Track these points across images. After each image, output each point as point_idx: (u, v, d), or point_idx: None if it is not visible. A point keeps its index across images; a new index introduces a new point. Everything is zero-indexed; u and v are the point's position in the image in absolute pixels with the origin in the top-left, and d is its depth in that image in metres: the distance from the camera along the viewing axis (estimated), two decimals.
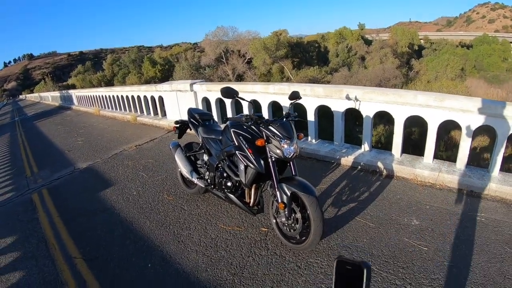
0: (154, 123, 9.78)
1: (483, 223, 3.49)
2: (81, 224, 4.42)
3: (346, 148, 5.57)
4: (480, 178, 4.21)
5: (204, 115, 4.34)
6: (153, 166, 6.19)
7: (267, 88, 6.31)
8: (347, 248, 3.28)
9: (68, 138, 9.96)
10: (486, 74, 45.72)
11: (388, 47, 44.39)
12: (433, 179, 4.45)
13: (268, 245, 3.46)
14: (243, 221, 3.94)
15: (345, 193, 4.38)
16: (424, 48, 55.32)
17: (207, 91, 7.74)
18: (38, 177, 6.60)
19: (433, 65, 38.66)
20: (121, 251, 3.67)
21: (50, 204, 5.19)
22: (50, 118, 15.68)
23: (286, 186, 3.05)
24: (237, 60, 38.26)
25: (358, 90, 5.17)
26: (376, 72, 34.14)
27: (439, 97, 4.50)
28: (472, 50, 54.27)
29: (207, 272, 3.18)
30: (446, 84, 29.84)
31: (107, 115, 12.89)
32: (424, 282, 2.77)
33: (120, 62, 51.20)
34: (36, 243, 4.08)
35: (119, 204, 4.79)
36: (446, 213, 3.73)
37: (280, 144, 2.98)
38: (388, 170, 4.79)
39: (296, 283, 2.92)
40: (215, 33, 39.74)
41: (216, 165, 3.83)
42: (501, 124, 4.07)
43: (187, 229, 3.92)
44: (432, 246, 3.20)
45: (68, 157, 7.73)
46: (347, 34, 47.33)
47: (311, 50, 45.01)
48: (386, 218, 3.73)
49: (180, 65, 38.30)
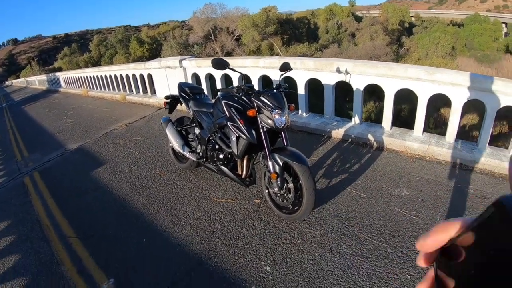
0: (143, 101, 9.68)
1: (472, 195, 3.56)
2: (74, 204, 4.41)
3: (336, 121, 5.59)
4: (469, 151, 4.27)
5: (195, 89, 4.30)
6: (144, 143, 6.17)
7: (257, 62, 6.26)
8: (339, 217, 3.34)
9: (57, 120, 9.82)
10: (476, 53, 45.80)
11: (379, 24, 44.12)
12: (422, 152, 4.50)
13: (261, 216, 3.50)
14: (235, 194, 3.97)
15: (336, 165, 4.42)
16: (415, 25, 55.21)
17: (196, 66, 7.65)
18: (29, 161, 6.52)
19: (423, 42, 38.59)
20: (116, 228, 3.69)
21: (43, 186, 5.15)
22: (38, 102, 15.39)
23: (278, 156, 3.06)
24: (226, 38, 37.78)
25: (349, 63, 5.16)
26: (366, 49, 34.03)
27: (429, 70, 4.52)
28: (463, 29, 54.20)
29: (201, 244, 3.21)
30: (436, 62, 29.90)
31: (96, 96, 12.71)
32: (415, 250, 2.82)
33: (106, 43, 50.22)
34: (30, 226, 4.06)
35: (111, 182, 4.78)
36: (435, 184, 3.79)
37: (272, 114, 2.98)
38: (378, 143, 4.83)
39: (289, 252, 2.96)
40: (203, 10, 39.11)
41: (207, 138, 3.83)
42: (490, 99, 4.10)
43: (181, 204, 3.94)
44: (422, 216, 3.26)
45: (58, 139, 7.64)
46: (337, 10, 46.84)
47: (301, 26, 44.54)
48: (377, 188, 3.78)
49: (168, 44, 37.71)
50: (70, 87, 17.32)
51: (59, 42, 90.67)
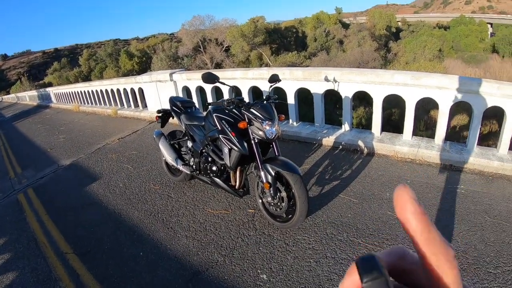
0: (135, 115, 9.71)
1: (462, 195, 3.65)
2: (70, 220, 4.41)
3: (327, 129, 5.67)
4: (458, 152, 4.37)
5: (186, 103, 4.36)
6: (137, 157, 6.19)
7: (246, 73, 6.35)
8: (332, 223, 3.39)
9: (49, 136, 9.79)
10: (463, 55, 46.35)
11: (366, 30, 44.60)
12: (412, 155, 4.59)
13: (255, 225, 3.55)
14: (230, 204, 4.01)
15: (328, 172, 4.49)
16: (402, 30, 55.87)
17: (187, 80, 7.71)
18: (22, 178, 6.50)
19: (411, 46, 39.04)
20: (113, 242, 3.70)
21: (37, 203, 5.13)
22: (29, 117, 15.32)
23: (270, 166, 3.12)
24: (215, 49, 37.90)
25: (337, 71, 5.25)
26: (354, 55, 34.30)
27: (415, 75, 4.62)
28: (450, 31, 54.91)
29: (198, 255, 3.24)
30: (424, 65, 30.24)
31: (87, 111, 12.69)
32: None
33: (96, 57, 50.18)
34: (27, 243, 4.05)
35: (106, 197, 4.79)
36: (426, 186, 3.88)
37: (262, 125, 3.05)
38: (368, 148, 4.91)
39: (285, 259, 3.01)
40: (192, 22, 39.25)
41: (200, 151, 3.88)
42: (476, 100, 4.21)
43: (176, 216, 3.97)
44: None
45: (51, 155, 7.63)
46: (324, 18, 47.25)
47: (289, 35, 44.90)
48: (369, 193, 3.85)
49: (157, 57, 37.74)
50: (61, 102, 17.26)
51: (49, 57, 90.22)
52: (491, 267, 2.66)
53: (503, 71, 34.79)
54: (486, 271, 2.62)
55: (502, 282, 2.52)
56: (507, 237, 2.97)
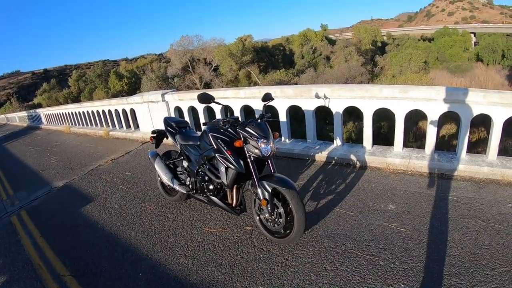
0: (127, 136, 9.71)
1: (455, 201, 3.75)
2: (65, 242, 4.37)
3: (319, 144, 5.76)
4: (448, 161, 4.48)
5: (180, 123, 4.42)
6: (131, 178, 6.19)
7: (238, 92, 6.43)
8: (330, 237, 3.44)
9: (40, 157, 9.72)
10: (448, 65, 47.35)
11: (352, 45, 45.46)
12: (404, 166, 4.69)
13: (254, 242, 3.57)
14: (227, 222, 4.04)
15: (323, 187, 4.56)
16: (387, 44, 56.98)
17: (179, 100, 7.78)
18: (15, 200, 6.42)
19: (396, 60, 39.81)
20: (110, 263, 3.68)
21: (31, 225, 5.07)
22: (20, 139, 15.19)
23: (267, 183, 3.18)
24: (204, 68, 38.23)
25: (327, 88, 5.36)
26: (342, 70, 34.84)
27: (403, 89, 4.75)
28: (434, 43, 56.20)
29: (198, 274, 3.25)
30: (411, 77, 30.81)
31: (78, 132, 12.65)
32: (406, 260, 2.96)
33: (86, 78, 50.21)
34: (22, 265, 4.00)
35: (101, 219, 4.77)
36: (419, 196, 3.97)
37: (258, 143, 3.11)
38: (361, 162, 5.00)
39: (285, 274, 3.04)
40: (180, 42, 39.63)
41: (196, 170, 3.92)
42: (463, 109, 4.35)
43: (173, 236, 3.97)
44: (410, 227, 3.40)
45: (43, 176, 7.57)
46: (311, 35, 48.10)
47: (277, 53, 45.55)
48: (364, 206, 3.92)
49: (147, 77, 37.91)
50: (51, 123, 17.17)
51: (38, 78, 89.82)
52: (488, 269, 2.73)
53: (488, 79, 35.61)
54: (484, 273, 2.69)
55: (499, 283, 2.59)
56: (501, 239, 3.06)
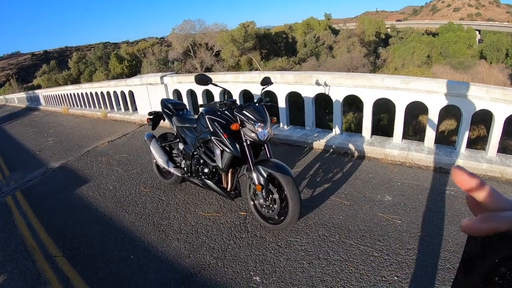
0: (125, 119, 9.64)
1: (452, 196, 3.69)
2: (59, 223, 4.34)
3: (317, 132, 5.70)
4: (447, 155, 4.43)
5: (178, 105, 4.35)
6: (128, 160, 6.14)
7: (237, 77, 6.35)
8: (324, 225, 3.41)
9: (38, 138, 9.65)
10: (452, 61, 47.05)
11: (355, 36, 45.14)
12: (402, 158, 4.64)
13: (247, 227, 3.54)
14: (221, 207, 4.00)
15: (319, 175, 4.51)
16: (391, 36, 56.56)
17: (178, 83, 7.70)
18: (10, 180, 6.39)
19: (399, 53, 39.53)
20: (103, 245, 3.66)
21: (26, 205, 5.04)
22: (18, 120, 15.09)
23: (262, 168, 3.13)
24: (205, 53, 37.89)
25: (328, 75, 5.29)
26: (344, 61, 34.63)
27: (405, 79, 4.67)
28: (438, 38, 55.75)
29: (190, 258, 3.23)
30: (413, 71, 30.69)
31: (77, 113, 12.56)
32: (400, 252, 2.93)
33: (86, 60, 49.74)
34: (15, 246, 3.98)
35: (96, 200, 4.74)
36: (417, 188, 3.92)
37: (254, 127, 3.06)
38: (359, 151, 4.95)
39: (278, 261, 3.01)
40: (182, 26, 39.15)
41: (192, 153, 3.87)
42: (465, 104, 4.28)
43: (167, 219, 3.94)
44: (405, 219, 3.37)
45: (39, 157, 7.52)
46: (314, 24, 47.65)
47: (279, 41, 45.08)
48: (360, 196, 3.88)
49: (147, 60, 37.57)
50: (50, 104, 17.06)
51: (38, 59, 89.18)
52: None
53: (490, 77, 35.46)
54: None
55: None
56: None
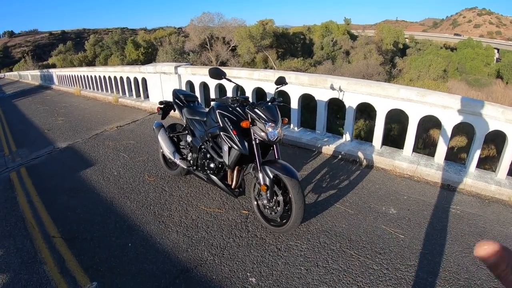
0: (136, 105, 9.66)
1: (458, 216, 3.61)
2: (60, 204, 4.34)
3: (327, 137, 5.63)
4: (457, 173, 4.34)
5: (189, 97, 4.32)
6: (134, 147, 6.13)
7: (252, 74, 6.30)
8: (326, 232, 3.35)
9: (48, 117, 9.71)
10: (467, 77, 46.62)
11: (373, 43, 44.87)
12: (411, 171, 4.56)
13: (248, 227, 3.50)
14: (224, 203, 3.97)
15: (326, 181, 4.45)
16: (409, 47, 56.17)
17: (191, 74, 7.67)
18: (16, 156, 6.42)
19: (416, 64, 39.23)
20: (101, 230, 3.64)
21: (29, 183, 5.06)
22: (30, 97, 15.19)
23: (269, 169, 3.08)
24: (222, 47, 37.93)
25: (343, 80, 5.21)
26: (359, 67, 34.48)
27: (421, 92, 4.59)
28: (456, 53, 55.25)
29: (187, 252, 3.20)
30: (428, 84, 30.39)
31: (88, 96, 12.61)
32: (400, 268, 2.86)
33: (102, 43, 49.93)
34: (14, 222, 3.99)
35: (99, 184, 4.74)
36: (423, 204, 3.84)
37: (265, 127, 3.01)
38: (368, 161, 4.88)
39: (276, 264, 2.97)
40: (201, 18, 39.27)
41: (199, 146, 3.84)
42: (479, 122, 4.17)
43: (168, 210, 3.92)
44: (408, 234, 3.30)
45: (47, 136, 7.56)
46: (333, 28, 47.49)
47: (296, 41, 44.99)
48: (365, 206, 3.82)
49: (163, 49, 37.68)
50: (63, 84, 17.16)
51: (55, 39, 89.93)
52: None
53: (505, 97, 35.03)
54: None
55: None
56: None
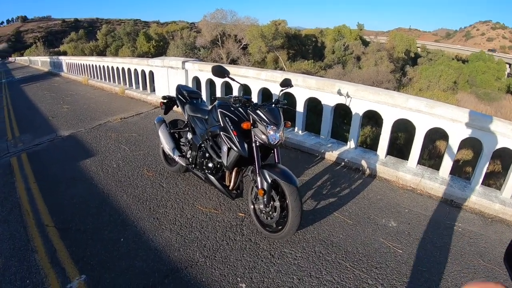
0: (142, 98, 9.64)
1: (459, 233, 3.51)
2: (57, 192, 4.32)
3: (331, 143, 5.54)
4: (461, 189, 4.23)
5: (193, 93, 4.26)
6: (136, 140, 6.09)
7: (259, 74, 6.22)
8: (322, 242, 3.27)
9: (53, 104, 9.73)
10: (477, 90, 46.30)
11: (385, 50, 44.63)
12: (414, 184, 4.46)
13: (243, 230, 3.43)
14: (220, 204, 3.90)
15: (326, 188, 4.37)
16: (420, 56, 55.95)
17: (198, 70, 7.61)
18: (19, 141, 6.43)
19: (427, 74, 39.01)
20: (95, 222, 3.60)
21: (28, 169, 5.06)
22: (38, 83, 15.27)
23: (268, 173, 3.00)
24: (233, 45, 37.99)
25: (351, 86, 5.13)
26: (370, 73, 34.36)
27: (430, 103, 4.49)
28: (467, 65, 54.89)
29: (179, 251, 3.14)
30: (437, 94, 30.24)
31: (95, 85, 12.63)
32: (396, 285, 2.77)
33: (114, 34, 50.04)
34: (10, 208, 3.98)
35: (97, 175, 4.70)
36: (424, 218, 3.75)
37: (266, 129, 2.93)
38: (371, 170, 4.79)
39: (268, 271, 2.89)
40: (214, 15, 39.38)
41: (199, 145, 3.77)
42: (488, 138, 4.06)
43: (164, 207, 3.86)
44: (407, 250, 3.21)
45: (51, 123, 7.56)
46: (345, 32, 47.27)
47: (308, 43, 44.92)
48: (365, 216, 3.73)
49: (175, 43, 37.78)
50: (71, 72, 17.24)
51: (68, 26, 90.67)
52: None
53: None
54: None
55: None
56: None
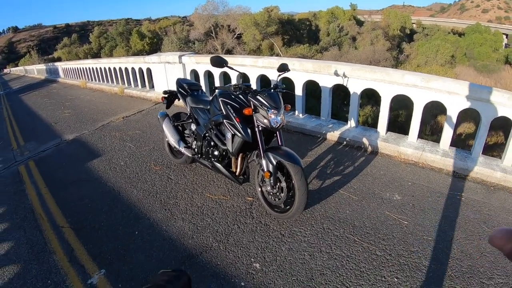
0: (141, 95, 9.69)
1: (463, 202, 3.60)
2: (68, 195, 4.41)
3: (332, 123, 5.62)
4: (462, 159, 4.30)
5: (193, 85, 4.34)
6: (140, 137, 6.18)
7: (256, 61, 6.27)
8: (330, 218, 3.37)
9: (54, 110, 9.79)
10: (476, 63, 45.82)
11: (380, 29, 44.17)
12: (416, 158, 4.54)
13: (253, 214, 3.54)
14: (229, 191, 4.00)
15: (330, 167, 4.46)
16: (416, 32, 55.40)
17: (196, 63, 7.66)
18: (24, 150, 6.50)
19: (423, 50, 38.69)
20: (109, 219, 3.71)
21: (37, 175, 5.14)
22: (36, 91, 15.28)
23: (272, 155, 3.09)
24: (227, 35, 37.71)
25: (347, 66, 5.18)
26: (366, 53, 34.11)
27: (426, 77, 4.54)
28: (464, 38, 54.30)
29: (193, 239, 3.24)
30: (436, 69, 30.04)
31: (94, 88, 12.67)
32: (403, 254, 2.88)
33: (107, 35, 49.77)
34: (24, 214, 4.06)
35: (106, 174, 4.80)
36: (427, 190, 3.83)
37: (267, 113, 3.01)
38: (372, 147, 4.87)
39: (280, 250, 3.00)
40: (205, 7, 38.99)
41: (203, 135, 3.86)
42: (485, 108, 4.12)
43: (174, 198, 3.97)
44: (412, 221, 3.30)
45: (54, 129, 7.63)
46: (339, 13, 46.85)
47: (302, 28, 44.51)
48: (369, 192, 3.82)
49: (168, 39, 37.57)
50: (68, 77, 17.24)
51: (60, 32, 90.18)
52: (484, 277, 2.62)
53: None
54: (480, 281, 2.59)
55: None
56: None
